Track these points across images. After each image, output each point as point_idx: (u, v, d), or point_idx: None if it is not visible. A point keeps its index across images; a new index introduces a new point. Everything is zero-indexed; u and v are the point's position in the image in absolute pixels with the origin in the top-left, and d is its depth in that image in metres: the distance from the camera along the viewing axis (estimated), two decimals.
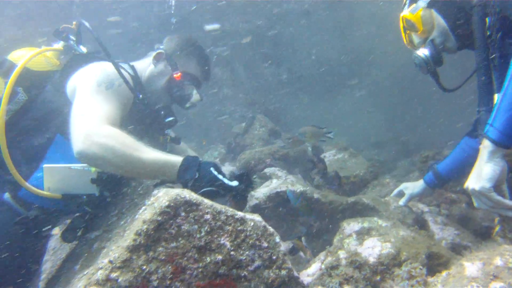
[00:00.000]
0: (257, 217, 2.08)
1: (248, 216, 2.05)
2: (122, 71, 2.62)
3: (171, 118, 3.02)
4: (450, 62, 3.06)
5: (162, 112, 2.98)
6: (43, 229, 2.70)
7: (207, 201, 1.99)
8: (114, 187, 2.68)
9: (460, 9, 2.64)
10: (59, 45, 2.98)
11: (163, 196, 1.97)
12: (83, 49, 2.93)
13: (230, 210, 2.01)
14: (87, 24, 2.80)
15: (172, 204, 1.90)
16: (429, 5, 2.72)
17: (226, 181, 2.35)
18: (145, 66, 3.07)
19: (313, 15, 9.98)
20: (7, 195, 2.51)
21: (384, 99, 10.00)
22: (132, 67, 2.99)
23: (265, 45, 9.72)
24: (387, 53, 9.90)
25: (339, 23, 10.07)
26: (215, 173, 2.35)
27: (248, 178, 2.48)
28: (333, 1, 9.71)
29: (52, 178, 2.49)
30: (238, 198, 2.43)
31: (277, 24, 9.83)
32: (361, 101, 10.28)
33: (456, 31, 2.70)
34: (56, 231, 3.22)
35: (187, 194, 1.96)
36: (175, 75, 2.94)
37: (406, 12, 2.80)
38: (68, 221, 2.78)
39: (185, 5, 9.25)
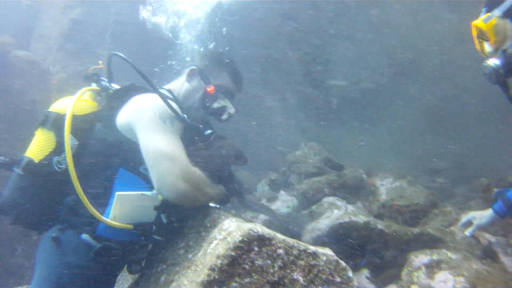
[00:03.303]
0: (329, 251, 2.07)
1: (320, 250, 2.04)
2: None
3: (210, 131, 3.04)
4: None
5: (201, 126, 2.99)
6: (121, 263, 2.77)
7: (279, 236, 2.00)
8: (180, 213, 2.72)
9: None
10: (93, 86, 3.02)
11: (236, 231, 1.98)
12: (116, 87, 2.98)
13: (303, 245, 2.01)
14: (121, 55, 2.83)
15: (245, 239, 1.91)
16: (505, 15, 2.59)
17: None
18: (180, 84, 3.14)
19: (360, 40, 9.95)
20: (85, 235, 2.55)
21: (437, 120, 9.72)
22: (170, 92, 3.05)
23: (315, 71, 9.74)
24: (436, 68, 9.72)
25: (384, 45, 9.96)
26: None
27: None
28: (380, 23, 9.69)
29: (122, 206, 2.54)
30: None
31: (325, 50, 9.85)
32: (411, 123, 10.05)
33: None
34: None
35: (260, 228, 1.97)
36: (208, 89, 3.02)
37: (478, 21, 2.71)
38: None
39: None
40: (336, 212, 3.58)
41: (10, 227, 6.12)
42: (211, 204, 2.82)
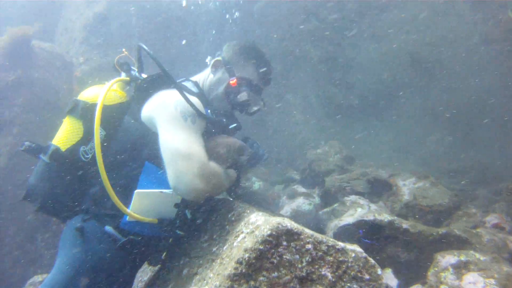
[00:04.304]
0: (357, 248, 2.02)
1: (349, 246, 1.99)
2: (189, 93, 2.65)
3: (234, 125, 2.98)
4: None
5: (225, 120, 2.92)
6: (143, 256, 2.75)
7: (308, 231, 1.96)
8: (203, 209, 2.69)
9: None
10: (123, 76, 2.96)
11: (264, 225, 1.95)
12: (144, 76, 2.91)
13: (331, 240, 1.97)
14: (145, 47, 2.79)
15: (274, 233, 1.87)
16: None
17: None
18: (205, 76, 3.07)
19: (382, 39, 9.86)
20: (108, 227, 2.55)
21: (458, 121, 9.58)
22: (196, 84, 2.98)
23: (337, 69, 9.68)
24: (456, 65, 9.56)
25: (406, 44, 9.85)
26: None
27: None
28: (402, 22, 9.61)
29: (141, 203, 2.51)
30: None
31: (347, 49, 9.78)
32: (432, 123, 9.92)
33: None
34: None
35: (288, 223, 1.94)
36: (231, 81, 2.91)
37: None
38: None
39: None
40: (359, 211, 3.53)
41: (30, 217, 6.20)
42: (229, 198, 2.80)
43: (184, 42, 9.40)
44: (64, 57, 8.32)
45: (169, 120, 2.50)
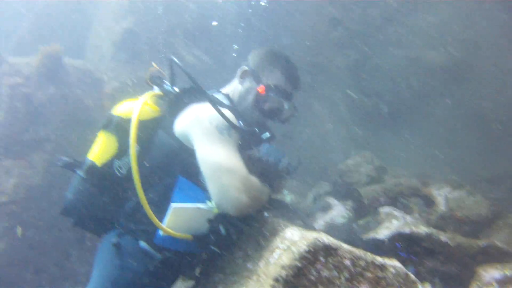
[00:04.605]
0: (397, 263, 1.97)
1: (388, 262, 1.94)
2: (221, 106, 2.60)
3: (267, 134, 2.91)
4: None
5: (257, 130, 2.86)
6: (177, 273, 2.75)
7: (345, 246, 1.91)
8: (236, 225, 2.65)
9: None
10: (155, 91, 2.94)
11: (300, 240, 1.91)
12: (177, 90, 2.87)
13: (370, 256, 1.92)
14: (176, 60, 2.78)
15: (311, 249, 1.83)
16: None
17: None
18: (234, 87, 3.02)
19: (409, 45, 9.74)
20: (143, 243, 2.55)
21: (491, 127, 9.34)
22: (227, 96, 2.95)
23: (364, 77, 9.59)
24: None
25: (434, 49, 9.69)
26: None
27: None
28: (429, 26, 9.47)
29: (176, 218, 2.49)
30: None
31: (374, 56, 9.68)
32: (464, 130, 9.69)
33: None
34: None
35: (325, 237, 1.90)
36: (259, 89, 2.85)
37: None
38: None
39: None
40: (395, 223, 3.46)
41: (66, 232, 6.27)
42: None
43: (214, 23, 9.41)
44: (95, 74, 8.45)
45: (206, 135, 2.47)
